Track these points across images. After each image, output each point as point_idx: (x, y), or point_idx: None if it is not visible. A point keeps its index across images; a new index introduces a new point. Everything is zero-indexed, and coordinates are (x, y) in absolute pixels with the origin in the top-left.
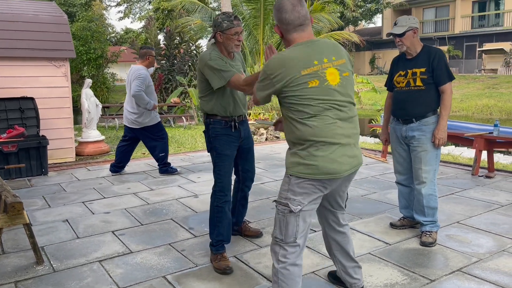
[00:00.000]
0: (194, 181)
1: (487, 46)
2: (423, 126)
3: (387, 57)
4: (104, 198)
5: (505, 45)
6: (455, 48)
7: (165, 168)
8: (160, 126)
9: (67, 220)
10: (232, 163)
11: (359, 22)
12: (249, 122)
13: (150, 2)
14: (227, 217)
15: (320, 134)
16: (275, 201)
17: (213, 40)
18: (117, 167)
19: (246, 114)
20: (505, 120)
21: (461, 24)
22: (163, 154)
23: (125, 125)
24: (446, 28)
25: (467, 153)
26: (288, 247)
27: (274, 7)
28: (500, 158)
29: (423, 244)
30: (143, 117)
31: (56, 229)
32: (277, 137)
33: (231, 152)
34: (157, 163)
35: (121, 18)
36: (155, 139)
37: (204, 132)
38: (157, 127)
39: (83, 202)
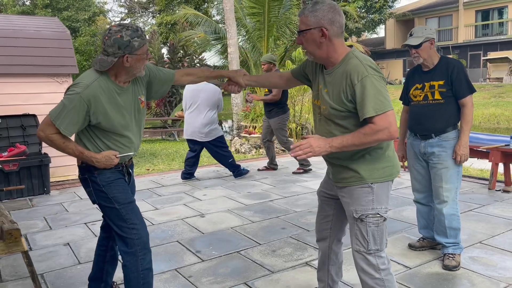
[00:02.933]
0: (200, 199)
1: (492, 55)
2: (443, 141)
3: (390, 67)
4: None
5: (510, 54)
6: (459, 57)
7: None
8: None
9: (68, 244)
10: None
11: (362, 33)
12: (255, 135)
13: (153, 17)
14: (153, 278)
15: None
16: (360, 217)
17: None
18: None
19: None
20: None
21: (465, 33)
22: (232, 159)
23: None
24: (449, 37)
25: (477, 164)
26: (382, 253)
27: (328, 7)
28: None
29: (446, 268)
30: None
31: (57, 253)
32: (283, 151)
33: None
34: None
35: None
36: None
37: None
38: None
39: (85, 223)
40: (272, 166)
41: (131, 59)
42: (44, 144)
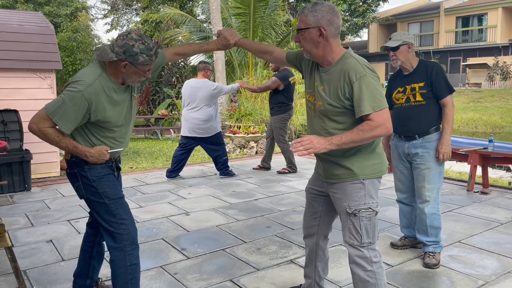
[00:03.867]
0: (185, 198)
1: (471, 60)
2: (427, 143)
3: None
4: None
5: (489, 60)
6: (440, 62)
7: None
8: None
9: (51, 241)
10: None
11: (346, 36)
12: (239, 135)
13: (138, 14)
14: (140, 273)
15: None
16: (353, 212)
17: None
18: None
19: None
20: (491, 133)
21: (446, 39)
22: (225, 158)
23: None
24: (431, 42)
25: (456, 167)
26: (375, 246)
27: (328, 8)
28: (489, 172)
29: (426, 265)
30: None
31: (40, 250)
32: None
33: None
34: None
35: (108, 31)
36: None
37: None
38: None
39: (68, 221)
40: (266, 164)
41: (129, 68)
42: (25, 140)
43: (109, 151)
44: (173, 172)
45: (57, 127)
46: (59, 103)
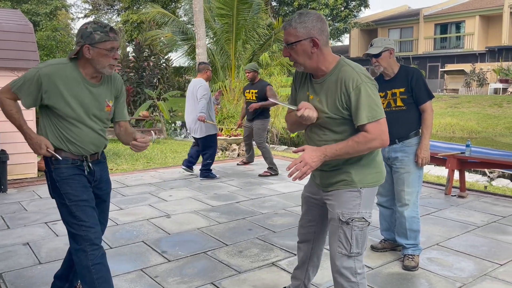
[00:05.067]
0: (166, 200)
1: (449, 67)
2: (406, 147)
3: None
4: None
5: (466, 66)
6: (419, 68)
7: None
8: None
9: (28, 244)
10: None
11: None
12: (221, 137)
13: (118, 14)
14: (109, 273)
15: None
16: (346, 220)
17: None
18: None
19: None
20: (467, 138)
21: (425, 45)
22: (210, 161)
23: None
24: (410, 48)
25: (434, 171)
26: (361, 257)
27: (316, 17)
28: (466, 177)
29: (405, 268)
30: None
31: (16, 253)
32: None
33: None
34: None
35: None
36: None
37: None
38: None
39: (45, 223)
40: (249, 161)
41: (93, 52)
42: (2, 140)
43: (50, 149)
44: (190, 163)
45: (19, 101)
46: (21, 78)
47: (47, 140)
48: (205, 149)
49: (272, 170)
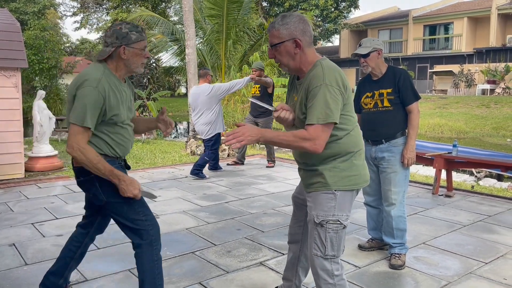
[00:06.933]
0: (155, 200)
1: (437, 68)
2: (393, 147)
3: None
4: (56, 219)
5: (454, 67)
6: (408, 69)
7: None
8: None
9: (14, 244)
10: None
11: (318, 41)
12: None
13: (108, 13)
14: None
15: (359, 142)
16: (320, 222)
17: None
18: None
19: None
20: (455, 138)
21: (414, 46)
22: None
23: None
24: (399, 49)
25: (422, 171)
26: (338, 259)
27: (298, 19)
28: (453, 176)
29: (392, 267)
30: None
31: (2, 254)
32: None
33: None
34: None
35: (77, 28)
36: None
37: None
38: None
39: (32, 224)
40: (241, 161)
41: (128, 52)
42: None
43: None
44: (213, 166)
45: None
46: (81, 108)
47: (134, 178)
48: (214, 144)
49: (239, 160)
